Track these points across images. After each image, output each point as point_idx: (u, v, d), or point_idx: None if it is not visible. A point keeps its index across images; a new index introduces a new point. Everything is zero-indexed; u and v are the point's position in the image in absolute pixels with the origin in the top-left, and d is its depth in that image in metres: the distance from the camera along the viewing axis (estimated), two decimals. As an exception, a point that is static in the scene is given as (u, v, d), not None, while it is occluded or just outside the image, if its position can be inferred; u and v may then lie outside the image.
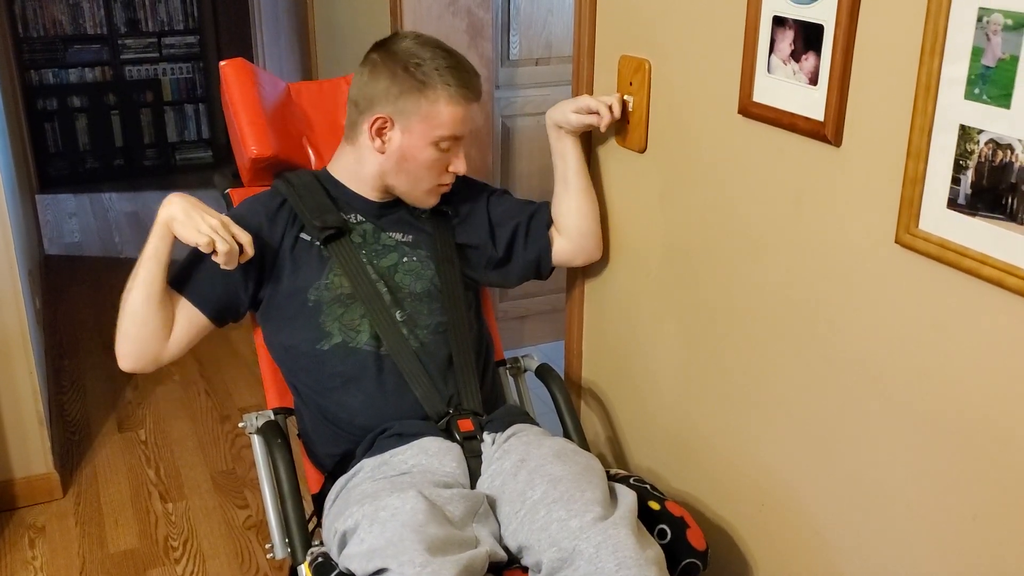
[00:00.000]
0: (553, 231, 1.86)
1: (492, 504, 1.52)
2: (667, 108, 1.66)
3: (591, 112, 1.74)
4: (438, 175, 1.75)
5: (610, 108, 1.73)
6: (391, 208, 1.82)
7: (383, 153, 1.73)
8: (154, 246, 1.60)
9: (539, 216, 1.87)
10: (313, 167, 1.99)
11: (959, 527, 1.22)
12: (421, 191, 1.77)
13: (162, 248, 1.61)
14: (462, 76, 1.70)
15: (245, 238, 1.60)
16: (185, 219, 1.56)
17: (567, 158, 1.82)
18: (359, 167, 1.78)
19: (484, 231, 1.86)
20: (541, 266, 1.88)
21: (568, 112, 1.76)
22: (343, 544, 1.43)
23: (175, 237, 1.59)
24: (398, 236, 1.79)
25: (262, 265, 1.72)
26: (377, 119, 1.71)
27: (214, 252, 1.56)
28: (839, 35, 1.25)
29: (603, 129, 1.76)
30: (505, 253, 1.86)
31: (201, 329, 1.71)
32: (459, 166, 1.76)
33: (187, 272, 1.70)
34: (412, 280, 1.75)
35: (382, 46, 1.75)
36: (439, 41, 1.75)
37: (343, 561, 1.42)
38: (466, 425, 1.63)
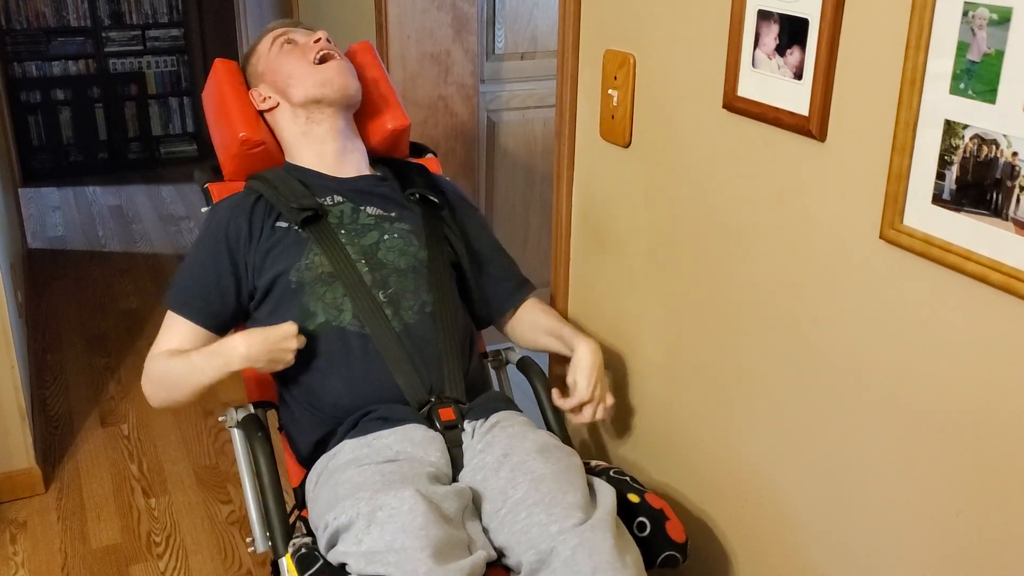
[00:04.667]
0: (510, 313, 1.91)
1: (476, 499, 1.51)
2: (652, 103, 1.66)
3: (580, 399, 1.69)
4: (308, 57, 1.82)
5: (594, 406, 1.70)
6: (371, 183, 1.84)
7: (277, 105, 1.86)
8: (224, 371, 1.65)
9: (520, 293, 1.91)
10: None
11: (943, 523, 1.22)
12: (314, 81, 1.80)
13: (233, 371, 1.65)
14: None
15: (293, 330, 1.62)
16: (270, 363, 1.61)
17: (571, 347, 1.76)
18: (292, 139, 1.86)
19: (459, 241, 1.86)
20: (478, 319, 1.91)
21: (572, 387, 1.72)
22: (334, 539, 1.42)
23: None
24: (378, 212, 1.79)
25: (247, 266, 1.73)
26: (252, 95, 1.90)
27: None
28: (824, 29, 1.25)
29: (584, 419, 1.71)
30: (468, 276, 1.87)
31: (205, 343, 1.73)
32: (314, 34, 1.85)
33: (186, 295, 1.74)
34: (396, 256, 1.74)
35: None
36: None
37: (334, 556, 1.40)
38: (447, 414, 1.61)
